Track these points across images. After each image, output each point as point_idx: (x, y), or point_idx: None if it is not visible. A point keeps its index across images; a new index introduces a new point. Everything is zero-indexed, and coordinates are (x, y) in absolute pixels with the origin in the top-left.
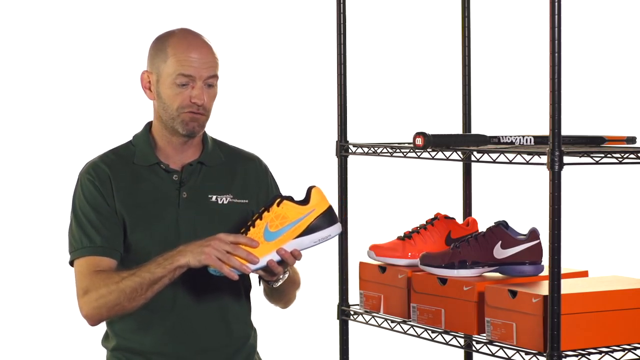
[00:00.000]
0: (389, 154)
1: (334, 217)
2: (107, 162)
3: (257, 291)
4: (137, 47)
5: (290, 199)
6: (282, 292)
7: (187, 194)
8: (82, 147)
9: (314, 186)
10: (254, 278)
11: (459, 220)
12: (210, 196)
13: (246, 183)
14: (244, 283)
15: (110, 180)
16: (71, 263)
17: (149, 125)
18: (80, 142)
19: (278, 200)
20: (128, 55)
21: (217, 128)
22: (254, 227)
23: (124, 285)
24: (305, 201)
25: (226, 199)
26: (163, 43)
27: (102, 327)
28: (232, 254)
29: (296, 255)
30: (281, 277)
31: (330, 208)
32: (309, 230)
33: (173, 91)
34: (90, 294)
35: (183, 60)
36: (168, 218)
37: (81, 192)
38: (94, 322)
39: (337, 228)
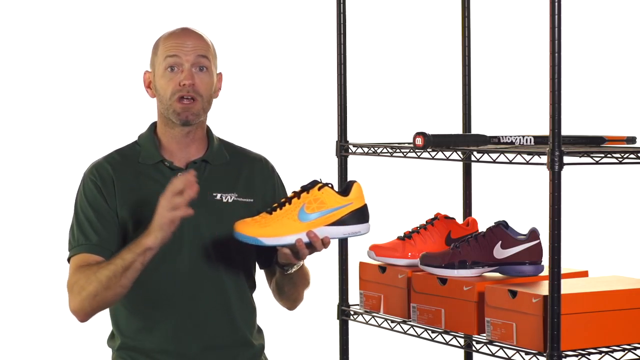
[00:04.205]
0: (389, 154)
1: (366, 216)
2: (112, 162)
3: (260, 293)
4: (141, 48)
5: (331, 186)
6: (293, 285)
7: None
8: (87, 148)
9: (355, 181)
10: (260, 276)
11: (459, 220)
12: (214, 194)
13: (251, 183)
14: (248, 283)
15: (113, 181)
16: (69, 260)
17: (154, 125)
18: (85, 143)
19: (320, 184)
20: (132, 56)
21: (218, 128)
22: (289, 204)
23: (100, 274)
24: (344, 193)
25: (231, 198)
26: (157, 41)
27: (108, 328)
28: (174, 193)
29: (325, 243)
30: (296, 264)
31: (366, 206)
32: (342, 221)
33: (164, 79)
34: (73, 288)
35: (169, 45)
36: None
37: (83, 192)
38: (80, 316)
39: (367, 227)
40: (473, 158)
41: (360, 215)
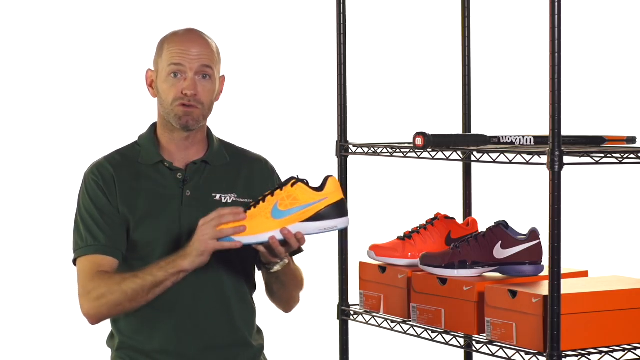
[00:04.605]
0: (389, 154)
1: (344, 210)
2: (112, 162)
3: (260, 293)
4: (141, 48)
5: (305, 182)
6: (282, 285)
7: (190, 192)
8: (87, 148)
9: (330, 176)
10: (258, 278)
11: (459, 220)
12: (214, 195)
13: (251, 183)
14: (248, 283)
15: (114, 180)
16: (74, 262)
17: (154, 125)
18: (85, 143)
19: (293, 181)
20: (133, 56)
21: (218, 128)
22: (264, 202)
23: (125, 286)
24: (319, 188)
25: (230, 198)
26: (162, 41)
27: (108, 327)
28: (221, 224)
29: (300, 239)
30: (279, 262)
31: (342, 200)
32: (317, 217)
33: (167, 84)
34: (91, 293)
35: (174, 51)
36: (171, 216)
37: (86, 192)
38: (94, 320)
39: (345, 221)
40: (473, 158)
41: (337, 210)
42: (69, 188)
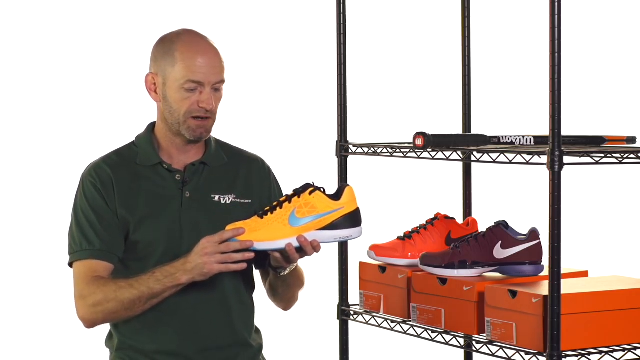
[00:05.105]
0: (389, 154)
1: (359, 220)
2: (110, 163)
3: (260, 293)
4: (139, 48)
5: (322, 190)
6: (287, 287)
7: (189, 193)
8: (85, 149)
9: (347, 185)
10: (257, 276)
11: (459, 220)
12: (213, 196)
13: (249, 183)
14: (247, 284)
15: (112, 181)
16: (70, 264)
17: (152, 126)
18: (83, 143)
19: (311, 189)
20: (130, 56)
21: (218, 128)
22: (280, 208)
23: (121, 296)
24: (336, 197)
25: (229, 199)
26: (170, 46)
27: (107, 328)
28: (227, 251)
29: (315, 247)
30: (289, 266)
31: (358, 210)
32: (333, 225)
33: (181, 96)
34: (86, 299)
35: (192, 66)
36: (171, 217)
37: (83, 194)
38: (89, 325)
39: (359, 231)
40: (473, 158)
41: (352, 220)
42: (67, 187)
